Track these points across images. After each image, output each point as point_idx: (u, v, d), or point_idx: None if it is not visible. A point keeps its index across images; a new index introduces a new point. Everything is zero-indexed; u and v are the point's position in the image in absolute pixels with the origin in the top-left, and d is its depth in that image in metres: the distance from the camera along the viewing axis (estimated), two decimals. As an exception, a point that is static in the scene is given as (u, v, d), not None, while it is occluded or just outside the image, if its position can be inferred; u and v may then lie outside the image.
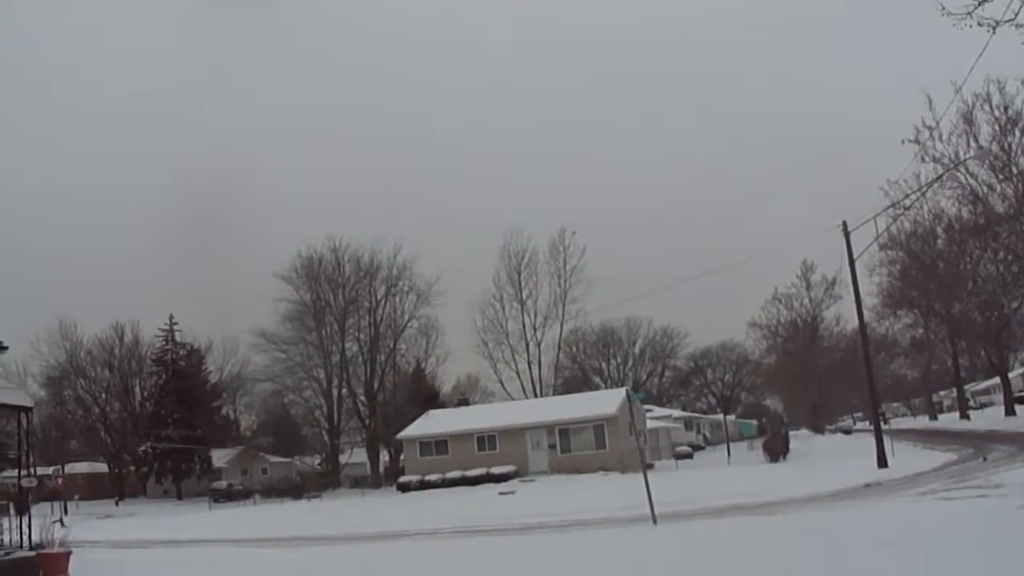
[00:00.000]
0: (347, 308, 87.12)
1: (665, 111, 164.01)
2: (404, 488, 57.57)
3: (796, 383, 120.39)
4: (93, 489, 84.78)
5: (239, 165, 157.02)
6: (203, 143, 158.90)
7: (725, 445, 70.66)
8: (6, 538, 17.85)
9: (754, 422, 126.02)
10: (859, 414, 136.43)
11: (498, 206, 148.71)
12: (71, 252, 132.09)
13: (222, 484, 79.67)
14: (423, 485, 56.10)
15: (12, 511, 18.95)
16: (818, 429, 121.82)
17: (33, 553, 16.62)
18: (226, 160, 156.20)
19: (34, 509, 19.13)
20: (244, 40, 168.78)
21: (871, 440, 42.49)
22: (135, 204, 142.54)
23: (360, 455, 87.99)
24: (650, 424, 72.17)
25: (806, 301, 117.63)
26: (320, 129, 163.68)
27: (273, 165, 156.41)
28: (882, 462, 38.28)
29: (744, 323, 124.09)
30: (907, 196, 58.82)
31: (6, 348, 16.60)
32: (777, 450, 55.24)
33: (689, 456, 68.48)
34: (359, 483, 76.68)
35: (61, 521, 23.58)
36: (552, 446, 56.76)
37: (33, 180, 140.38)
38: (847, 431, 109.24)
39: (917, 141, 59.09)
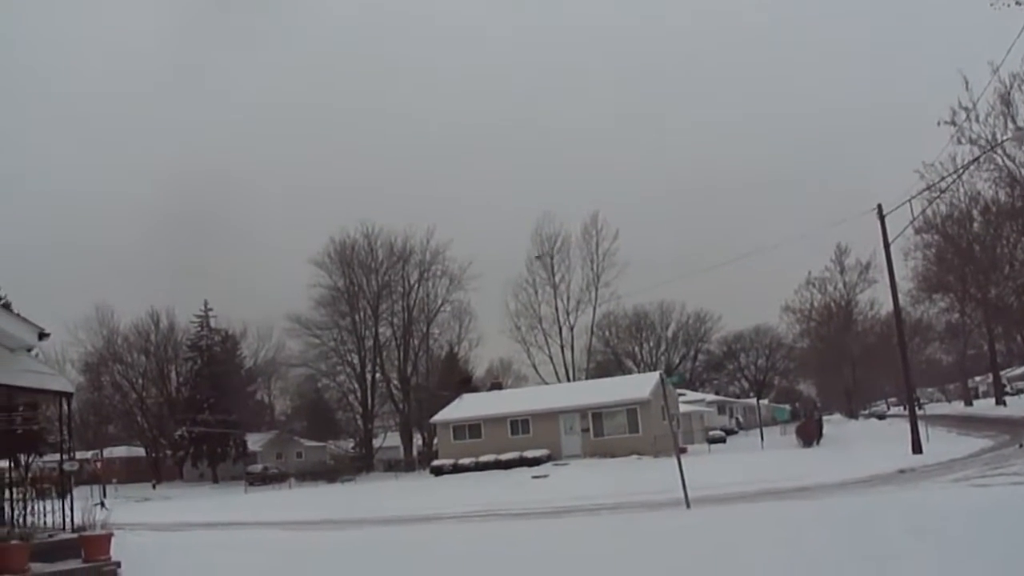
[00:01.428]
0: (380, 293, 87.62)
1: (697, 96, 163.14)
2: (438, 472, 57.89)
3: (829, 368, 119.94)
4: (131, 473, 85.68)
5: (269, 155, 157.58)
6: (232, 134, 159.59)
7: (758, 429, 70.44)
8: (49, 520, 18.14)
9: (787, 407, 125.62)
10: (893, 399, 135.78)
11: (531, 190, 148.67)
12: (109, 241, 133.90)
13: (257, 468, 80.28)
14: (456, 469, 56.37)
15: (54, 494, 19.25)
16: (852, 414, 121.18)
17: (76, 535, 16.85)
18: (256, 151, 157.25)
19: (74, 493, 19.37)
20: (265, 29, 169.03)
21: (905, 426, 42.35)
22: (167, 195, 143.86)
23: (394, 439, 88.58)
24: (683, 408, 72.17)
25: (840, 285, 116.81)
26: (350, 117, 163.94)
27: (304, 153, 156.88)
28: (916, 448, 38.08)
29: (777, 307, 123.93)
30: (943, 178, 58.39)
31: (47, 335, 16.77)
32: (810, 435, 55.09)
33: (722, 440, 68.38)
34: (393, 467, 77.13)
35: (102, 504, 23.87)
36: (585, 430, 56.85)
37: (71, 173, 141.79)
38: (881, 416, 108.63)
39: (953, 123, 58.71)
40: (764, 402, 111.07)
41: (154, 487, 79.31)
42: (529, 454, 54.71)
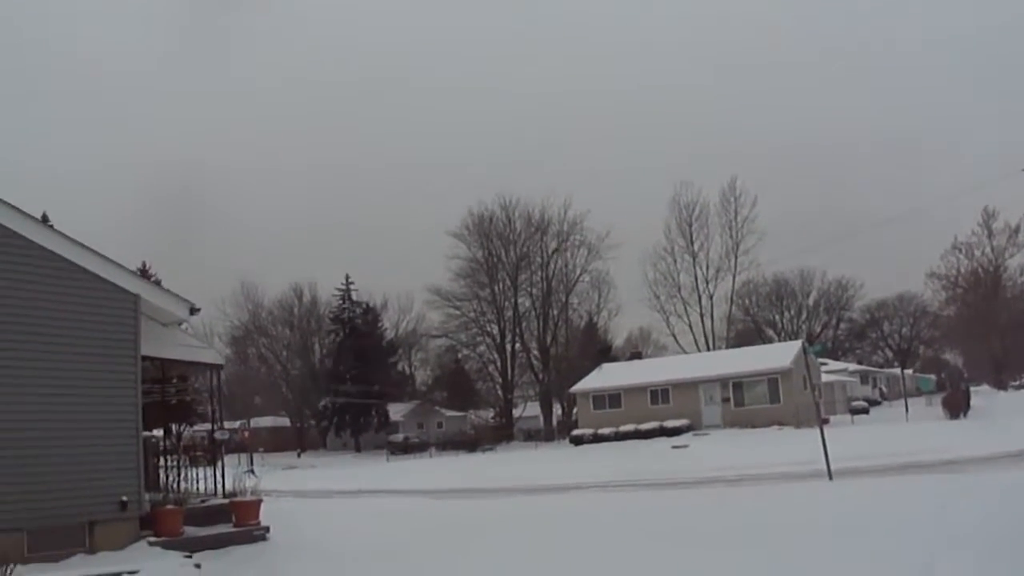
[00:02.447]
0: (519, 264, 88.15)
1: (837, 53, 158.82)
2: (577, 441, 58.16)
3: (977, 337, 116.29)
4: (276, 442, 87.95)
5: (406, 128, 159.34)
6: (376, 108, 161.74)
7: (902, 400, 68.90)
8: (201, 487, 18.91)
9: (932, 377, 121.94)
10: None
11: (668, 156, 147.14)
12: (253, 219, 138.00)
13: (399, 437, 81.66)
14: (596, 438, 56.56)
15: (205, 462, 20.09)
16: (1001, 385, 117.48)
17: (227, 501, 17.53)
18: (393, 124, 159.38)
19: (224, 461, 20.15)
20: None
21: (1059, 397, 40.99)
22: (308, 175, 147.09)
23: (533, 409, 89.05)
24: (825, 378, 71.02)
25: (988, 250, 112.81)
26: (490, 85, 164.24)
27: (441, 122, 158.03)
28: (1071, 420, 36.83)
29: (922, 273, 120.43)
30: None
31: (198, 310, 17.43)
32: (957, 406, 53.63)
33: (865, 411, 66.95)
34: (532, 436, 77.62)
35: (252, 471, 24.73)
36: (725, 400, 56.43)
37: (232, 156, 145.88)
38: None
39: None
40: (908, 372, 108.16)
41: (299, 456, 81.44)
42: (669, 424, 54.54)
